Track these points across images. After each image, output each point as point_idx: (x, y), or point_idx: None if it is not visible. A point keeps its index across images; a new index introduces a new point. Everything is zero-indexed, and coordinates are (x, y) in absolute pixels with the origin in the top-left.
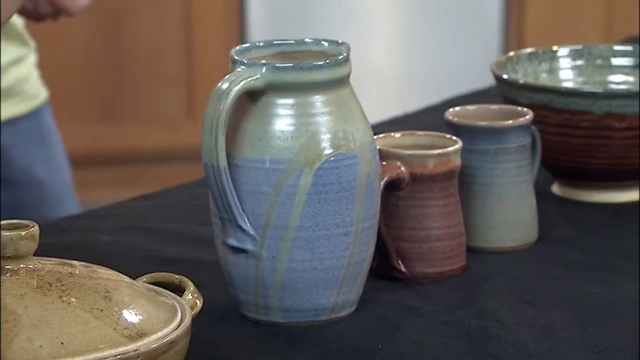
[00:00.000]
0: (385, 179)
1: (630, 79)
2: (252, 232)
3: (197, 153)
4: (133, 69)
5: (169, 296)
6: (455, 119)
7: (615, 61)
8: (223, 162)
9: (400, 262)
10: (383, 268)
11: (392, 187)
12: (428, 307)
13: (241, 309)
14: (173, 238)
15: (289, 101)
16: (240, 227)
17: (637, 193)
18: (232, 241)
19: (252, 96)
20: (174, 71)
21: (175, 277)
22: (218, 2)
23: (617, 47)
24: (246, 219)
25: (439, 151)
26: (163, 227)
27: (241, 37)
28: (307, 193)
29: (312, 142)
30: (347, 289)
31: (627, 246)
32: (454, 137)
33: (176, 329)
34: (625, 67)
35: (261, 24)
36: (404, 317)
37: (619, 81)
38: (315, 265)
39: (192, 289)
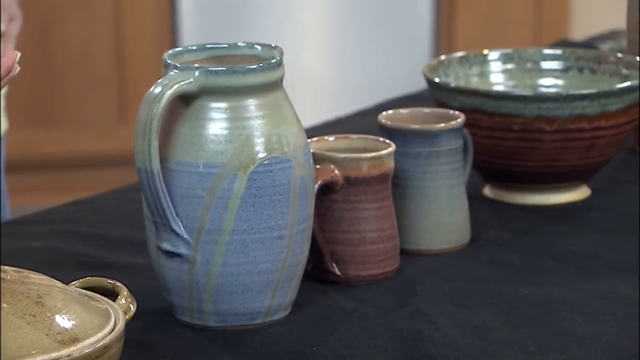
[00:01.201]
0: (319, 182)
1: (560, 82)
2: (185, 236)
3: (129, 158)
4: (64, 74)
5: (102, 301)
6: (389, 123)
7: (545, 65)
8: (156, 166)
9: (334, 265)
10: (317, 271)
11: (326, 191)
12: (362, 310)
13: (175, 313)
14: (106, 243)
15: (223, 105)
16: (174, 231)
17: (568, 195)
18: (166, 245)
19: (185, 100)
20: (105, 75)
21: (109, 282)
22: (149, 6)
23: (546, 51)
24: (180, 223)
25: (373, 154)
26: (96, 232)
27: (173, 41)
28: (241, 197)
29: (245, 145)
30: (282, 292)
31: (558, 248)
32: (387, 141)
33: (109, 333)
34: (554, 70)
35: (193, 27)
36: (338, 320)
37: (548, 84)
38: (250, 269)
39: (125, 293)
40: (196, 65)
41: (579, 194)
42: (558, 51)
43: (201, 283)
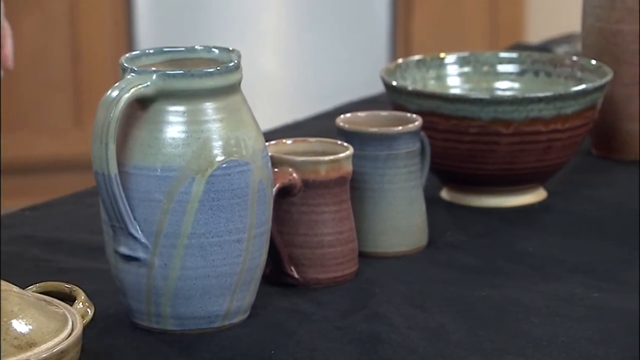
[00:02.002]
0: (278, 185)
1: (516, 85)
2: (143, 240)
3: (85, 162)
4: (19, 77)
5: (60, 305)
6: (346, 126)
7: (501, 68)
8: (114, 170)
9: (292, 268)
10: (276, 274)
11: (284, 194)
12: (320, 313)
13: (133, 317)
14: (63, 247)
15: (180, 108)
16: (131, 235)
17: (525, 197)
18: (124, 249)
19: (142, 103)
20: (61, 79)
21: (66, 286)
22: (105, 10)
23: (502, 54)
24: (138, 227)
25: (331, 157)
26: (53, 236)
27: (129, 45)
28: (200, 200)
29: (203, 149)
30: (240, 296)
31: (515, 250)
32: (345, 144)
33: (67, 338)
34: (510, 73)
35: (149, 31)
36: (296, 323)
37: (505, 87)
38: (208, 272)
39: (83, 298)
40: (153, 68)
41: (536, 196)
42: (514, 54)
43: (159, 287)
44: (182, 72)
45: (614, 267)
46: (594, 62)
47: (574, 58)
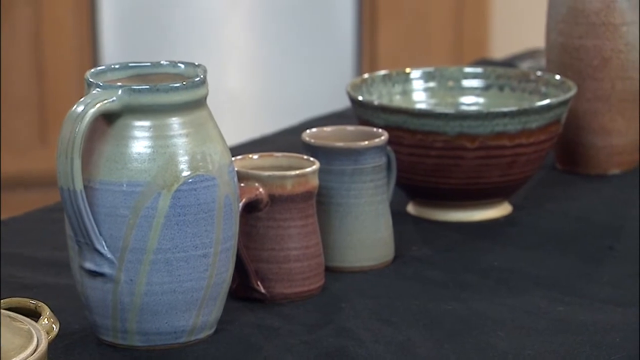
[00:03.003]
0: (244, 200)
1: (481, 100)
2: (109, 255)
3: (51, 179)
4: None
5: (25, 321)
6: (312, 141)
7: (466, 83)
8: (79, 185)
9: (259, 283)
10: (242, 289)
11: (250, 209)
12: (287, 327)
13: (99, 333)
14: (28, 263)
15: (146, 123)
16: (97, 250)
17: (490, 212)
18: (89, 265)
19: (108, 119)
20: (26, 95)
21: (31, 302)
22: (69, 25)
23: (467, 70)
24: (103, 243)
25: (297, 172)
26: (18, 252)
27: (94, 60)
28: (166, 215)
29: (169, 164)
30: (207, 311)
31: (481, 264)
32: (312, 158)
33: (32, 354)
34: (475, 88)
35: (114, 47)
36: (263, 338)
37: (470, 102)
38: (174, 287)
39: (48, 313)
40: (119, 83)
41: (501, 210)
42: (479, 70)
43: (125, 302)
44: (147, 87)
45: (578, 281)
46: (557, 77)
47: (538, 73)
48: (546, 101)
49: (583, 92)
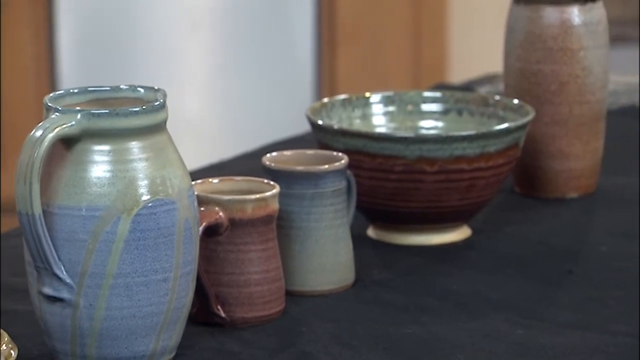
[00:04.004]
0: (204, 224)
1: (440, 124)
2: (68, 280)
3: (9, 205)
4: None
5: None
6: (273, 165)
7: (425, 107)
8: (38, 210)
9: (219, 307)
10: (203, 313)
11: (210, 233)
12: (248, 352)
13: (58, 359)
14: None
15: (105, 148)
16: (56, 275)
17: (449, 235)
18: (48, 290)
19: (67, 143)
20: None
21: None
22: (27, 50)
23: (426, 94)
24: (62, 268)
25: (257, 196)
26: None
27: (52, 85)
28: (125, 240)
29: (129, 188)
30: (167, 336)
31: (440, 287)
32: (272, 182)
33: None
34: (434, 112)
35: (73, 71)
36: None
37: (429, 126)
38: (134, 312)
39: (6, 339)
40: (78, 108)
41: (460, 234)
42: (438, 94)
43: (84, 328)
44: (107, 111)
45: (537, 305)
46: (516, 101)
47: (497, 97)
48: (504, 125)
49: (541, 117)
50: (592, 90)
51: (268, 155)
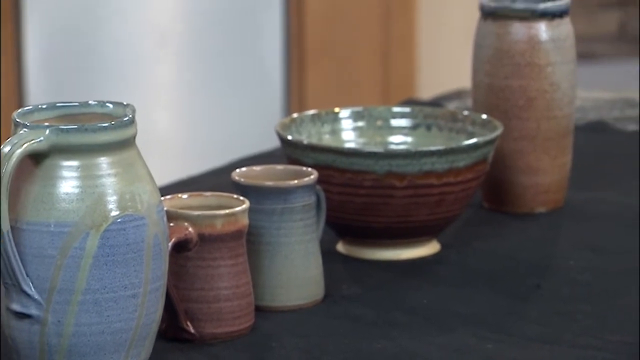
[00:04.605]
0: (173, 240)
1: (409, 139)
2: (36, 296)
3: None
4: None
5: None
6: (242, 180)
7: (395, 122)
8: (6, 226)
9: (189, 323)
10: (172, 329)
11: (180, 248)
12: None
13: None
14: None
15: (74, 163)
16: (24, 291)
17: (419, 250)
18: (16, 306)
19: (35, 159)
20: None
21: None
22: None
23: (395, 109)
24: (30, 284)
25: (227, 211)
26: None
27: (20, 101)
28: (94, 255)
29: (98, 204)
30: (136, 352)
31: (410, 302)
32: (241, 198)
33: None
34: (404, 128)
35: (41, 87)
36: None
37: (398, 141)
38: (103, 328)
39: None
40: (47, 123)
41: (429, 249)
42: (407, 109)
43: (53, 344)
44: (75, 127)
45: (506, 319)
46: (484, 116)
47: (465, 113)
48: (473, 140)
49: (509, 132)
50: (560, 105)
51: (237, 170)
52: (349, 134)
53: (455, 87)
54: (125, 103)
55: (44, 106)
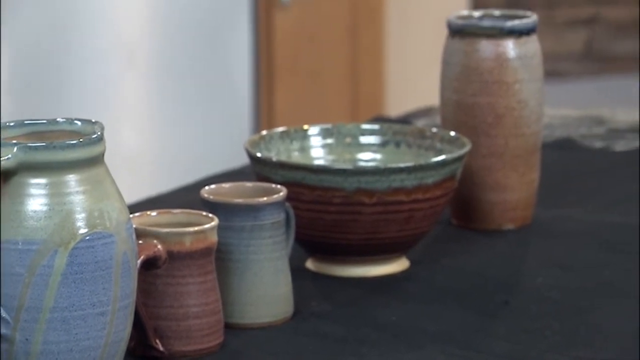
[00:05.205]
0: (142, 257)
1: (378, 156)
2: (4, 315)
3: None
4: None
5: None
6: (211, 197)
7: (364, 139)
8: None
9: (157, 340)
10: (141, 347)
11: (149, 266)
12: None
13: None
14: None
15: (42, 181)
16: None
17: (388, 267)
18: None
19: (3, 176)
20: None
21: None
22: None
23: (364, 126)
24: None
25: (196, 229)
26: None
27: None
28: (62, 273)
29: (66, 221)
30: None
31: (380, 319)
32: (210, 215)
33: None
34: (372, 145)
35: (8, 105)
36: None
37: (367, 158)
38: (71, 346)
39: None
40: (14, 141)
41: (399, 265)
42: (376, 126)
43: None
44: (44, 144)
45: (474, 336)
46: (452, 133)
47: (434, 130)
48: (441, 157)
49: (477, 149)
50: (528, 122)
51: (207, 187)
52: (318, 151)
53: (424, 105)
54: (93, 120)
55: (12, 124)
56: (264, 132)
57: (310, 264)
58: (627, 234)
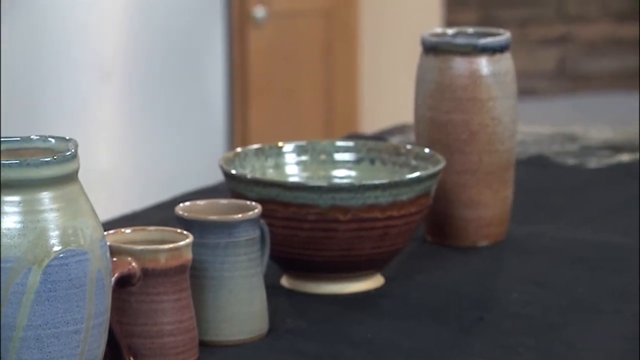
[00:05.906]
0: (116, 274)
1: (353, 173)
2: None
3: None
4: None
5: None
6: (186, 214)
7: (338, 156)
8: None
9: (132, 358)
10: None
11: (123, 283)
12: None
13: None
14: None
15: (16, 198)
16: None
17: (363, 284)
18: None
19: None
20: None
21: None
22: None
23: (339, 143)
24: None
25: (170, 246)
26: None
27: None
28: (36, 291)
29: (40, 239)
30: None
31: (354, 336)
32: (185, 232)
33: None
34: (347, 162)
35: None
36: None
37: (342, 175)
38: None
39: None
40: None
41: (373, 282)
42: (350, 143)
43: None
44: (17, 161)
45: (449, 352)
46: (427, 150)
47: (408, 147)
48: (416, 174)
49: (452, 165)
50: (502, 139)
51: (181, 205)
52: (292, 168)
53: (398, 122)
54: (67, 138)
55: None
56: (239, 149)
57: (285, 281)
58: (600, 251)
